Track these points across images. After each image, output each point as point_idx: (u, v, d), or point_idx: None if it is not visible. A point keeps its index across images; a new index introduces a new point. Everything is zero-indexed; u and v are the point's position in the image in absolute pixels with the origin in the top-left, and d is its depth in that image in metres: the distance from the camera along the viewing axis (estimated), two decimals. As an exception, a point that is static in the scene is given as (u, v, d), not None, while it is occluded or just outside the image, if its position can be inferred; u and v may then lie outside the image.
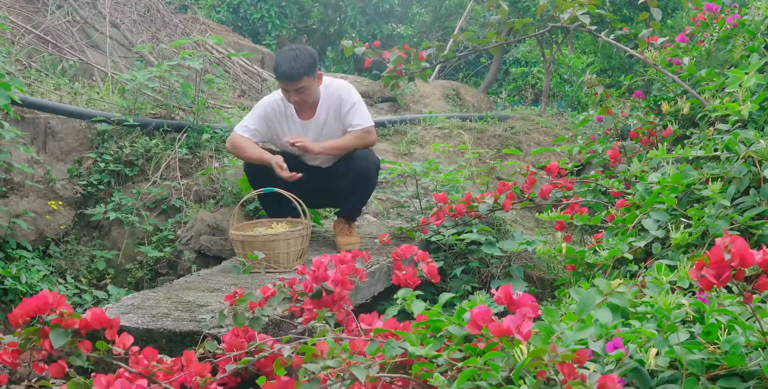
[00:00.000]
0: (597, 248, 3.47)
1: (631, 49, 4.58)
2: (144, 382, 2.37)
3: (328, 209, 5.75)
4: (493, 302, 2.30)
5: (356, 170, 4.76)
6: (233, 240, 4.47)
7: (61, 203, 5.83)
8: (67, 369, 2.47)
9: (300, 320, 3.14)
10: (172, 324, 3.29)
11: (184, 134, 6.39)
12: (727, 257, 1.88)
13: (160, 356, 2.53)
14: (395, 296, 2.56)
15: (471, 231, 4.65)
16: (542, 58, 10.59)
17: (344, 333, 2.69)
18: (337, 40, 15.42)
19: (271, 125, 4.85)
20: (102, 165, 6.07)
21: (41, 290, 5.00)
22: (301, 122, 4.81)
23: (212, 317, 3.28)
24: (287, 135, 4.80)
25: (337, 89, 4.80)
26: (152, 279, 5.59)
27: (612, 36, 4.60)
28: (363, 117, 4.79)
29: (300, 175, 4.59)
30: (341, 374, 2.13)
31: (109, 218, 5.75)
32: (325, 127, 4.81)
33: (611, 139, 4.88)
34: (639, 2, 4.60)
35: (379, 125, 8.49)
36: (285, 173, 4.56)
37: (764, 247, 1.96)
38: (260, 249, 4.21)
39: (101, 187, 6.05)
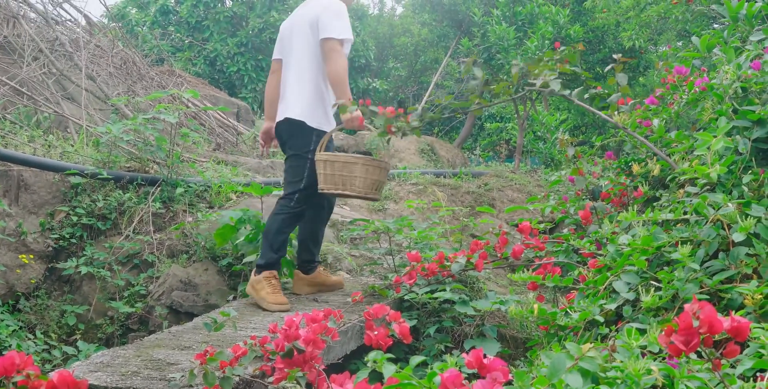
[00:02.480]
0: (569, 309, 3.48)
1: (603, 109, 4.65)
2: (111, 445, 2.34)
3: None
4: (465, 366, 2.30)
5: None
6: (317, 160, 4.70)
7: (32, 256, 5.79)
8: (33, 431, 2.43)
9: (271, 379, 3.12)
10: (141, 383, 3.25)
11: (158, 188, 6.38)
12: (696, 323, 1.90)
13: (128, 417, 2.50)
14: (366, 358, 2.55)
15: (444, 289, 4.65)
16: (516, 115, 10.71)
17: (315, 395, 2.68)
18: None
19: None
20: (75, 219, 6.05)
21: (10, 345, 4.96)
22: None
23: (182, 376, 3.25)
24: None
25: None
26: (123, 335, 5.53)
27: (586, 95, 4.66)
28: None
29: None
30: (311, 439, 2.12)
31: (80, 272, 5.71)
32: None
33: (583, 198, 4.92)
34: (606, 70, 4.67)
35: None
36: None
37: (732, 313, 1.98)
38: (339, 170, 4.57)
39: (73, 241, 6.01)
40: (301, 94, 4.83)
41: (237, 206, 6.22)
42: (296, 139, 4.81)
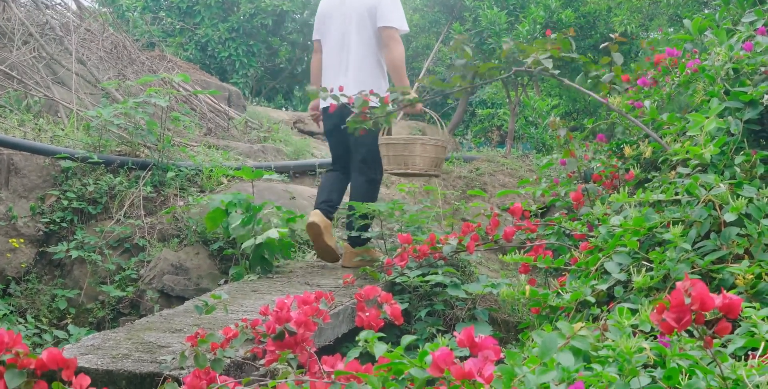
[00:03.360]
0: (560, 291, 3.47)
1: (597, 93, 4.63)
2: (101, 425, 2.33)
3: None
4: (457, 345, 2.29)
5: None
6: (379, 145, 5.09)
7: (22, 240, 5.77)
8: (22, 411, 2.42)
9: (262, 362, 3.11)
10: (132, 366, 3.24)
11: (149, 172, 6.36)
12: (688, 300, 1.89)
13: (118, 398, 2.49)
14: (358, 338, 2.55)
15: (436, 273, 4.64)
16: (507, 100, 10.69)
17: (306, 376, 2.67)
18: (305, 79, 15.46)
19: None
20: (65, 203, 6.03)
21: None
22: None
23: (173, 358, 3.24)
24: None
25: None
26: (114, 319, 5.52)
27: (587, 79, 4.66)
28: None
29: None
30: (302, 417, 2.11)
31: (71, 256, 5.69)
32: None
33: (574, 182, 4.91)
34: (601, 47, 4.66)
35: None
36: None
37: (724, 291, 1.97)
38: (401, 151, 4.90)
39: (64, 225, 5.99)
40: (366, 80, 5.15)
41: (228, 191, 6.20)
42: None
